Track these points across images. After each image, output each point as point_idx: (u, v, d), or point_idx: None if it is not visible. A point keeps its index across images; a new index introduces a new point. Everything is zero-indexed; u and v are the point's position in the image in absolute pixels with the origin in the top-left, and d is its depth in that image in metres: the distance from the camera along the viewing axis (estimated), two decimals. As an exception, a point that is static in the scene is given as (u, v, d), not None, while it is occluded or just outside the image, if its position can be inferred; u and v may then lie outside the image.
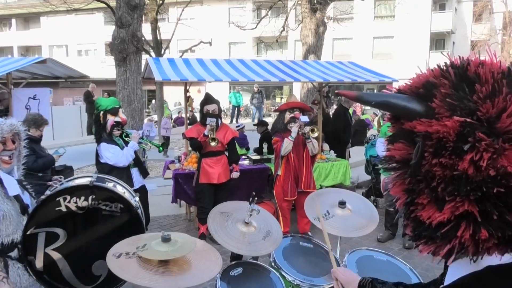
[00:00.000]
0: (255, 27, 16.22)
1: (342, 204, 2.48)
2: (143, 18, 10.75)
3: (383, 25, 30.42)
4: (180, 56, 14.54)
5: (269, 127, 7.90)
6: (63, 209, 2.45)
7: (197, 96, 9.78)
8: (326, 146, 8.10)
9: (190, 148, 6.64)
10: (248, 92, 27.40)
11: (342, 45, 31.09)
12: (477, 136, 0.88)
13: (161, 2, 14.66)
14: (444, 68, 1.01)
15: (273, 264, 2.36)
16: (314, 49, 12.70)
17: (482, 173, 0.88)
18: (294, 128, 5.45)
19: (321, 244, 2.53)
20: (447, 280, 1.19)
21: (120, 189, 2.76)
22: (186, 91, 6.60)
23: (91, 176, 2.71)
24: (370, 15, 29.43)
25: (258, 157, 7.22)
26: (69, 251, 2.44)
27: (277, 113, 6.03)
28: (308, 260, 2.47)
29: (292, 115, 5.59)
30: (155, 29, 14.58)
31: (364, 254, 2.48)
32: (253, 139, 9.56)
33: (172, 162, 7.21)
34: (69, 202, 2.46)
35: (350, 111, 9.45)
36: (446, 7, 32.28)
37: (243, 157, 7.52)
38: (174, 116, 21.73)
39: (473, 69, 0.96)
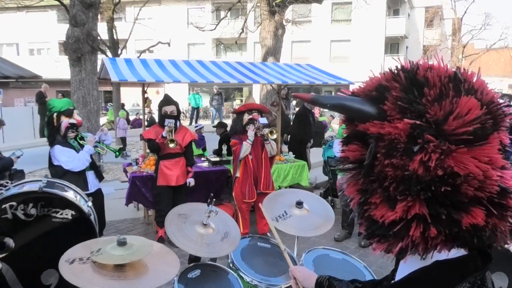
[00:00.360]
0: (214, 28, 16.18)
1: (299, 204, 2.52)
2: (99, 17, 10.48)
3: (340, 28, 31.14)
4: (138, 57, 14.30)
5: (229, 128, 7.89)
6: (9, 216, 2.34)
7: (155, 97, 9.64)
8: (284, 148, 8.19)
9: (148, 150, 6.54)
10: (208, 94, 27.26)
11: (300, 47, 31.54)
12: (425, 137, 0.91)
13: (117, 1, 14.35)
14: (396, 71, 1.04)
15: (231, 265, 2.36)
16: (273, 52, 12.81)
17: (431, 173, 0.92)
18: (250, 132, 5.47)
19: (279, 244, 2.56)
20: (398, 276, 1.23)
21: (72, 194, 2.67)
22: (144, 92, 6.49)
23: (40, 181, 2.60)
24: (328, 18, 30.09)
25: (217, 159, 7.20)
26: (16, 260, 2.33)
27: (236, 114, 6.04)
28: (266, 260, 2.49)
29: (250, 116, 5.60)
30: (111, 29, 14.28)
31: (321, 253, 2.53)
32: (212, 141, 9.52)
33: (130, 164, 7.07)
34: (15, 209, 2.36)
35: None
36: (400, 13, 33.46)
37: (202, 159, 7.49)
38: (132, 118, 21.27)
39: (422, 73, 0.99)
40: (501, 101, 1.03)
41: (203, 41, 31.13)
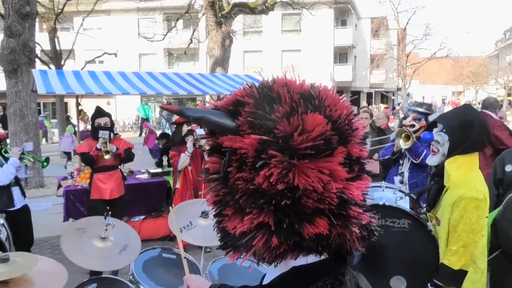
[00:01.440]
0: (163, 39, 16.08)
1: (204, 214, 2.57)
2: (44, 26, 10.19)
3: (290, 39, 31.66)
4: (82, 68, 13.99)
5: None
6: None
7: (106, 108, 9.39)
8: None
9: (83, 164, 6.40)
10: (160, 104, 26.94)
11: (252, 57, 31.80)
12: (269, 153, 0.95)
13: (59, 11, 13.97)
14: (252, 87, 1.08)
15: (131, 278, 2.36)
16: (221, 62, 12.88)
17: (274, 187, 0.96)
18: (189, 143, 5.49)
19: (185, 254, 2.60)
20: (265, 281, 1.28)
21: None
22: (78, 104, 6.37)
23: None
24: (278, 29, 30.52)
25: (157, 170, 7.15)
26: None
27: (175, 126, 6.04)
28: (169, 271, 2.50)
29: (189, 127, 5.63)
30: (53, 39, 13.86)
31: (227, 262, 2.58)
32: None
33: (65, 178, 6.89)
34: None
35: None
36: (347, 23, 34.52)
37: (142, 170, 7.41)
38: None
39: (276, 89, 1.03)
40: (353, 116, 1.08)
41: (154, 51, 30.77)
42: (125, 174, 6.14)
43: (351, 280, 1.17)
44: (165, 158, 7.47)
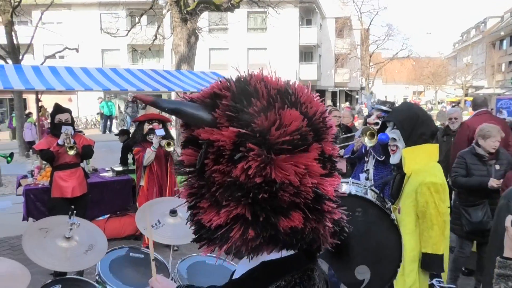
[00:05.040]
0: (126, 35, 15.72)
1: (173, 212, 2.53)
2: None
3: (256, 37, 31.74)
4: (42, 62, 13.53)
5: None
6: None
7: (67, 104, 9.10)
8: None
9: (44, 162, 6.19)
10: (125, 101, 26.39)
11: (218, 55, 31.70)
12: (247, 146, 0.95)
13: (16, 4, 13.39)
14: (229, 80, 1.08)
15: (97, 278, 2.30)
16: (187, 59, 12.73)
17: (251, 180, 0.96)
18: (155, 139, 5.43)
19: (155, 255, 2.56)
20: (235, 276, 1.28)
21: None
22: (38, 100, 6.15)
23: None
24: (244, 26, 30.52)
25: (121, 168, 7.01)
26: None
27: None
28: (137, 271, 2.46)
29: (150, 126, 5.57)
30: (10, 33, 13.28)
31: (197, 260, 2.56)
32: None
33: (25, 176, 6.64)
34: None
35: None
36: (312, 23, 34.94)
37: (106, 168, 7.25)
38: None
39: (253, 84, 1.04)
40: (327, 114, 1.10)
41: (118, 47, 30.14)
42: (88, 172, 5.99)
43: (319, 276, 1.19)
44: (130, 156, 7.33)
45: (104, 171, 7.05)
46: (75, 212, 2.21)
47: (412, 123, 2.74)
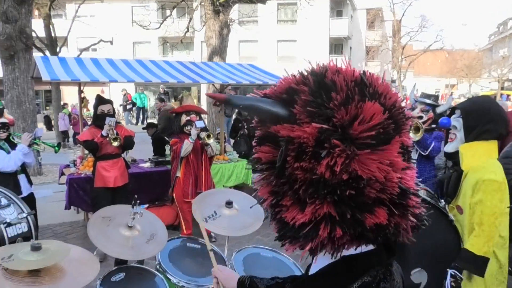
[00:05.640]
0: (158, 27, 15.89)
1: (229, 204, 2.54)
2: (37, 13, 10.01)
3: (286, 29, 31.55)
4: (79, 55, 13.80)
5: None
6: None
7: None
8: (228, 147, 8.21)
9: (86, 152, 6.33)
10: (155, 93, 26.77)
11: (248, 47, 31.67)
12: (332, 142, 0.93)
13: (54, -3, 13.74)
14: (305, 74, 1.06)
15: (158, 267, 2.34)
16: (219, 51, 12.76)
17: (337, 176, 0.94)
18: (193, 131, 5.43)
19: (212, 246, 2.58)
20: (312, 271, 1.26)
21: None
22: (80, 91, 6.27)
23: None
24: (274, 19, 30.35)
25: (160, 159, 7.09)
26: None
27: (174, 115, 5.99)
28: (195, 261, 2.49)
29: (188, 118, 5.58)
30: (48, 26, 13.62)
31: (251, 252, 2.56)
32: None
33: (67, 166, 6.81)
34: None
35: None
36: (343, 14, 34.42)
37: (144, 159, 7.35)
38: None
39: (330, 77, 1.01)
40: (403, 104, 1.07)
41: (148, 40, 30.53)
42: (128, 162, 6.09)
43: (396, 270, 1.18)
44: (167, 147, 7.42)
45: (143, 162, 7.15)
46: (138, 202, 2.23)
47: (479, 118, 2.59)
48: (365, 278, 1.05)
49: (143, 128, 9.08)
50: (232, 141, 9.09)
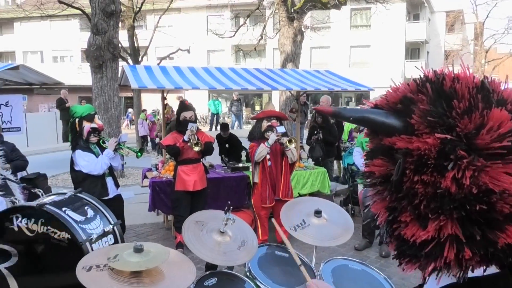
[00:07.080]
0: (233, 35, 16.29)
1: (317, 213, 2.48)
2: (120, 25, 10.65)
3: (359, 34, 30.90)
4: (158, 63, 14.48)
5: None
6: (15, 228, 2.37)
7: (176, 103, 9.73)
8: (304, 154, 8.14)
9: (167, 156, 6.58)
10: (228, 100, 27.40)
11: (319, 53, 31.44)
12: (458, 153, 0.87)
13: (137, 9, 14.56)
14: (420, 82, 1.00)
15: (248, 274, 2.33)
16: (292, 58, 12.79)
17: (464, 190, 0.87)
18: (272, 136, 5.44)
19: (297, 253, 2.54)
20: None
21: (75, 215, 2.60)
22: (164, 98, 6.54)
23: (64, 194, 2.60)
24: (347, 24, 29.86)
25: (237, 165, 7.20)
26: (20, 273, 2.32)
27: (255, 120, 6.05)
28: (284, 270, 2.45)
29: (269, 123, 5.60)
30: (132, 36, 14.48)
31: (340, 263, 2.48)
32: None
33: (150, 170, 7.13)
34: (20, 222, 2.38)
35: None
36: (420, 17, 33.07)
37: (222, 165, 7.49)
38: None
39: (449, 84, 0.95)
40: None
41: (222, 48, 31.33)
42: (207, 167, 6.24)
43: None
44: (243, 153, 7.52)
45: (220, 167, 7.29)
46: (231, 208, 2.25)
47: None
48: None
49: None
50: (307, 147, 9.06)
